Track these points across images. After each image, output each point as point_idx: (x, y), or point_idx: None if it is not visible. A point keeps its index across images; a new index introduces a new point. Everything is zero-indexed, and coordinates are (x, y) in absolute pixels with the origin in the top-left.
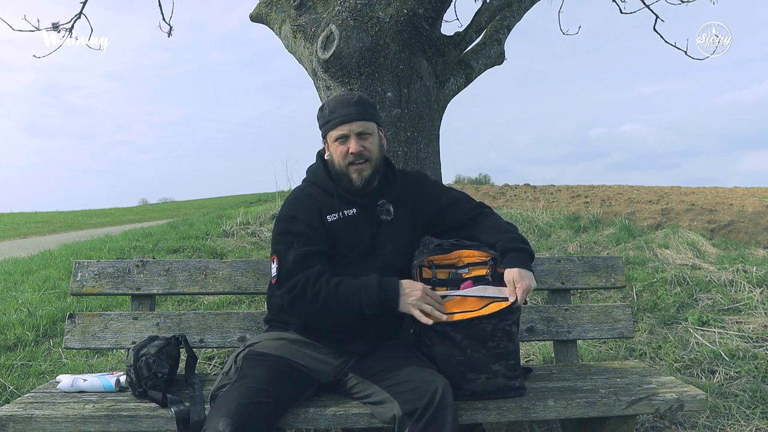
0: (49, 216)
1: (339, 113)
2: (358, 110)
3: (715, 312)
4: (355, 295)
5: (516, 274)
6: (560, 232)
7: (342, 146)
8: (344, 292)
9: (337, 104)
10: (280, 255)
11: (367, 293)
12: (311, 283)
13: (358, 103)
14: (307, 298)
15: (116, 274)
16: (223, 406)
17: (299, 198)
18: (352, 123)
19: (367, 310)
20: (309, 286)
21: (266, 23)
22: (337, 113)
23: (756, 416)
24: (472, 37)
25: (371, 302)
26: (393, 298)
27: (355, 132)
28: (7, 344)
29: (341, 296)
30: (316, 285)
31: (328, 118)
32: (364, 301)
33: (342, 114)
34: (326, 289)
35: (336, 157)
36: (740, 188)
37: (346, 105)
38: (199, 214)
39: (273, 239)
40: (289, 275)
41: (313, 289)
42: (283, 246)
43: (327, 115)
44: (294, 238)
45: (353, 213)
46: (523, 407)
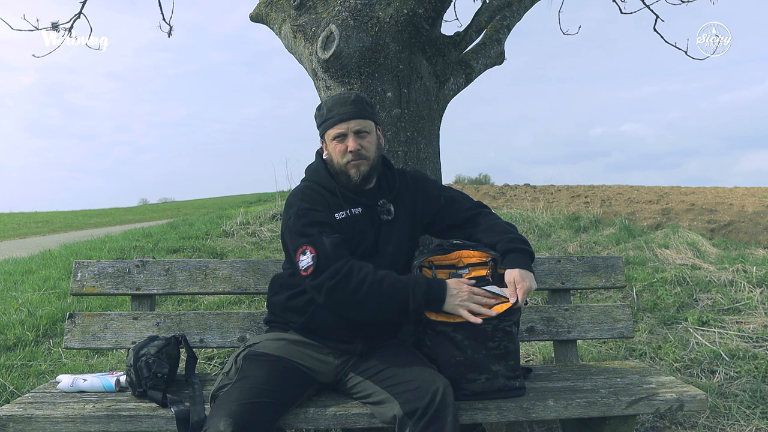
0: (49, 216)
1: (337, 112)
2: (356, 108)
3: (715, 312)
4: (403, 288)
5: (517, 275)
6: (560, 232)
7: (340, 144)
8: (390, 285)
9: (335, 103)
10: (315, 243)
11: (415, 289)
12: (356, 270)
13: (356, 101)
14: (351, 284)
15: (116, 274)
16: (224, 406)
17: (307, 193)
18: (350, 121)
19: (413, 305)
20: (354, 273)
21: (266, 23)
22: (334, 112)
23: (756, 416)
24: (472, 37)
25: (418, 299)
26: (440, 298)
27: (353, 130)
28: (7, 344)
29: (387, 288)
30: (362, 272)
31: (326, 116)
32: (411, 295)
33: (340, 112)
34: (372, 278)
35: (334, 155)
36: (740, 188)
37: (343, 103)
38: (199, 214)
39: (296, 232)
40: (329, 262)
41: (359, 275)
42: (315, 236)
43: (325, 113)
44: (321, 227)
45: (359, 212)
46: (523, 407)
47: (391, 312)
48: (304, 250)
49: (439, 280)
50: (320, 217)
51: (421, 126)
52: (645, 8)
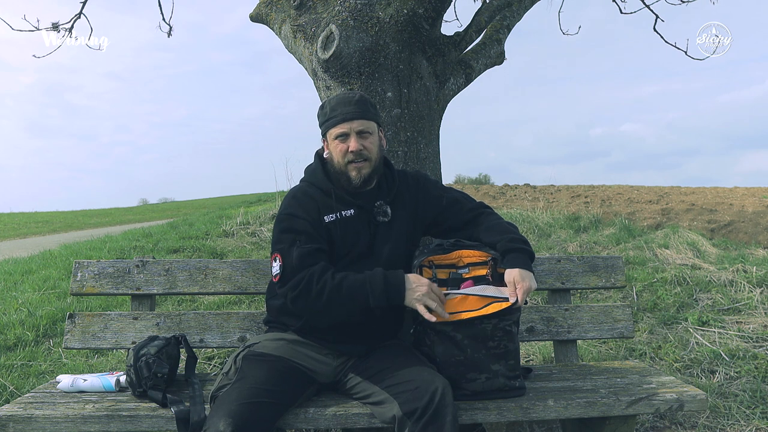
0: (49, 216)
1: (340, 111)
2: (359, 109)
3: (715, 312)
4: (360, 288)
5: (517, 275)
6: (560, 232)
7: (342, 144)
8: (349, 286)
9: (339, 102)
10: (283, 253)
11: (372, 286)
12: (316, 279)
13: (360, 102)
14: (312, 294)
15: (116, 274)
16: (223, 406)
17: (297, 197)
18: (353, 121)
19: (373, 303)
20: (314, 282)
21: (266, 23)
22: (338, 111)
23: (756, 416)
24: (472, 37)
25: (377, 295)
26: (399, 292)
27: (356, 130)
28: (7, 344)
29: (346, 290)
30: (321, 280)
31: (329, 115)
32: (370, 293)
33: (343, 112)
34: (331, 284)
35: (335, 155)
36: (740, 188)
37: (347, 103)
38: (199, 214)
39: (274, 238)
40: (293, 272)
41: (318, 284)
42: (286, 244)
43: (328, 112)
44: (296, 235)
45: (351, 214)
46: (523, 407)
47: (357, 312)
48: (275, 257)
49: (398, 273)
50: (298, 225)
51: (421, 126)
52: (645, 8)
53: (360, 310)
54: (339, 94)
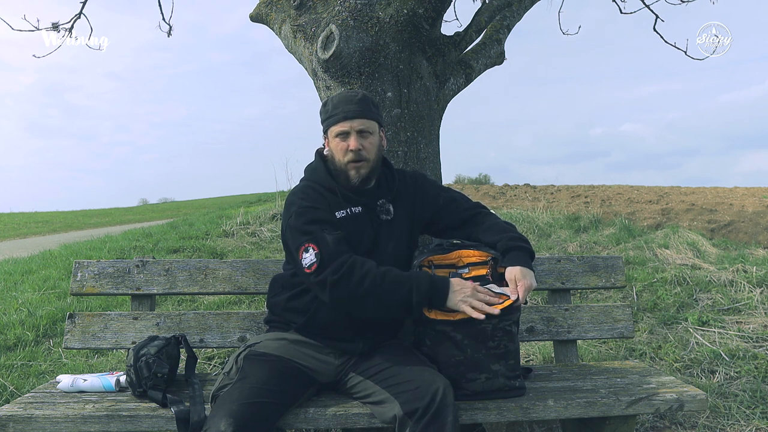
0: (49, 216)
1: (342, 109)
2: (361, 108)
3: (715, 312)
4: (405, 282)
5: (518, 273)
6: (560, 232)
7: (342, 142)
8: (393, 279)
9: (341, 100)
10: (317, 240)
11: (418, 284)
12: (359, 265)
13: (362, 101)
14: (354, 278)
15: (116, 274)
16: (224, 406)
17: (308, 192)
18: (354, 120)
19: (416, 299)
20: (357, 267)
21: (266, 23)
22: (340, 109)
23: (756, 416)
24: (472, 37)
25: (421, 293)
26: (443, 294)
27: (356, 129)
28: (7, 344)
29: (389, 283)
30: (365, 267)
31: (331, 113)
32: (415, 291)
33: (345, 110)
34: (375, 272)
35: (336, 153)
36: (740, 188)
37: (349, 102)
38: (199, 214)
39: (298, 230)
40: (332, 257)
41: (361, 270)
42: (317, 233)
43: (330, 110)
44: (323, 225)
45: (359, 211)
46: (523, 407)
47: (394, 307)
48: (307, 247)
49: (443, 277)
50: (321, 215)
51: (421, 126)
52: (645, 8)
53: (399, 305)
54: (342, 93)
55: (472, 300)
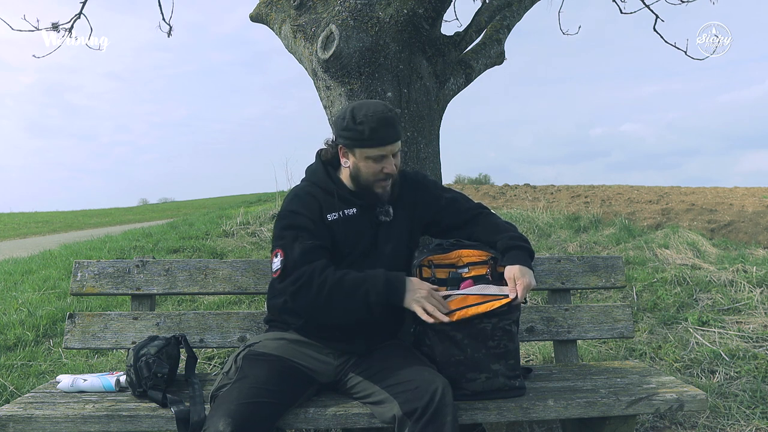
0: (49, 216)
1: (382, 135)
2: (397, 131)
3: (715, 312)
4: (361, 285)
5: (517, 271)
6: (560, 232)
7: (375, 165)
8: (350, 283)
9: (380, 124)
10: (285, 248)
11: (373, 284)
12: (317, 274)
13: (396, 122)
14: (313, 289)
15: (116, 274)
16: (223, 406)
17: (300, 195)
18: (393, 144)
19: (373, 301)
20: (315, 277)
21: (266, 23)
22: (379, 134)
23: (756, 416)
24: (472, 37)
25: (377, 293)
26: (399, 292)
27: (393, 153)
28: (7, 344)
29: (347, 287)
30: (322, 275)
31: (368, 135)
32: (371, 291)
33: (385, 136)
34: (332, 279)
35: (365, 173)
36: (740, 188)
37: (387, 125)
38: (199, 214)
39: (276, 234)
40: (294, 267)
41: (319, 279)
42: (288, 239)
43: (367, 133)
44: (298, 232)
45: (353, 213)
46: (523, 407)
47: (356, 310)
48: (276, 252)
49: (399, 274)
50: (300, 222)
51: (421, 126)
52: (645, 8)
53: (360, 307)
54: (375, 111)
55: (425, 302)
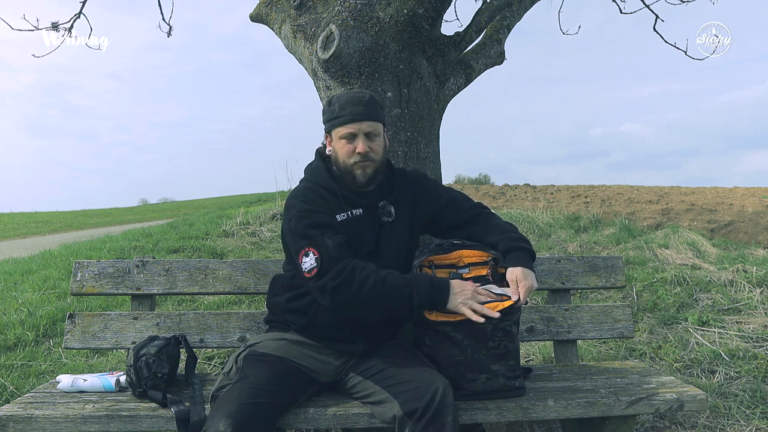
0: (49, 216)
1: (349, 111)
2: (369, 110)
3: (715, 312)
4: (406, 286)
5: (519, 273)
6: (560, 232)
7: (349, 144)
8: (393, 283)
9: (348, 101)
10: (318, 245)
11: (419, 287)
12: (359, 269)
13: (369, 102)
14: (354, 283)
15: (116, 274)
16: (223, 406)
17: (309, 195)
18: (362, 122)
19: (417, 303)
20: (357, 272)
21: (266, 23)
22: (347, 111)
23: (756, 416)
24: (472, 37)
25: (422, 296)
26: (443, 296)
27: (364, 132)
28: (7, 344)
29: (390, 287)
30: (365, 271)
31: (338, 114)
32: (416, 294)
33: (352, 112)
34: (376, 276)
35: (341, 154)
36: (740, 188)
37: (357, 103)
38: (199, 214)
39: (299, 233)
40: (332, 263)
41: (361, 275)
42: (317, 237)
43: (336, 111)
44: (323, 229)
45: (360, 213)
46: (523, 407)
47: (395, 310)
48: (307, 251)
49: (443, 279)
50: (322, 219)
51: (421, 126)
52: (645, 8)
53: (400, 308)
54: (348, 92)
55: (473, 302)
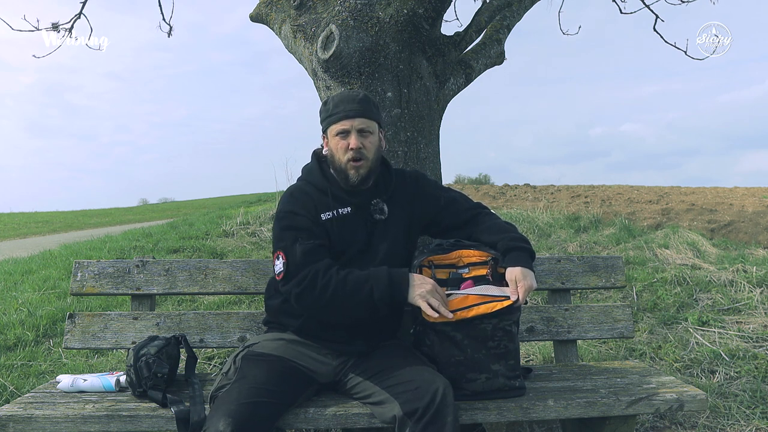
0: (49, 216)
1: (343, 108)
2: (362, 107)
3: (715, 312)
4: (365, 283)
5: (518, 273)
6: (560, 232)
7: (342, 141)
8: (354, 282)
9: (342, 99)
10: (286, 250)
11: (377, 282)
12: (321, 274)
13: (363, 100)
14: (317, 289)
15: (116, 274)
16: (223, 406)
17: (295, 194)
18: (355, 119)
19: (377, 297)
20: (319, 277)
21: (266, 23)
22: (340, 108)
23: (756, 416)
24: (472, 37)
25: (381, 290)
26: (403, 288)
27: (357, 128)
28: (7, 344)
29: (351, 286)
30: (326, 276)
31: (332, 111)
32: (375, 288)
33: (346, 109)
34: (336, 279)
35: (335, 151)
36: (740, 188)
37: (350, 101)
38: (199, 214)
39: (275, 235)
40: (297, 269)
41: (323, 280)
42: (288, 241)
43: (330, 109)
44: (298, 232)
45: (347, 212)
46: (523, 407)
47: (361, 308)
48: (278, 255)
49: (402, 271)
50: (298, 222)
51: (421, 126)
52: (645, 8)
53: (364, 305)
54: (342, 92)
55: (430, 297)
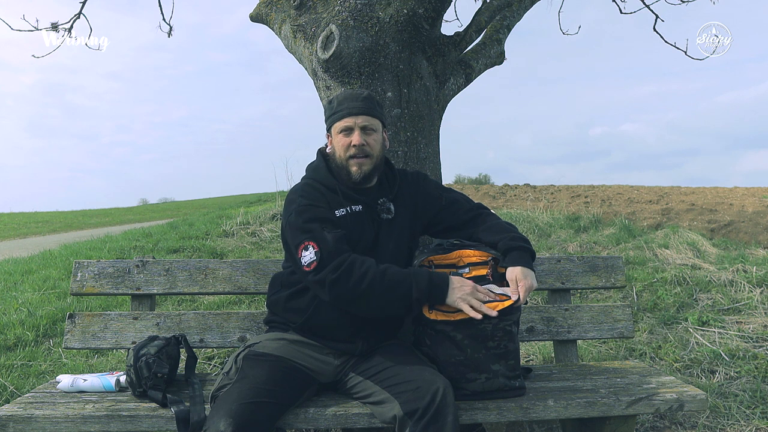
0: (49, 216)
1: (347, 106)
2: (366, 105)
3: (715, 312)
4: (404, 279)
5: (519, 273)
6: (560, 232)
7: (345, 138)
8: (393, 275)
9: (346, 97)
10: (317, 239)
11: (417, 281)
12: (359, 263)
13: (367, 99)
14: (353, 277)
15: (116, 274)
16: (223, 406)
17: (307, 191)
18: (358, 116)
19: (416, 297)
20: (356, 265)
21: (266, 23)
22: (344, 106)
23: (756, 416)
24: (472, 37)
25: (420, 289)
26: (442, 291)
27: (360, 125)
28: (7, 344)
29: (389, 280)
30: (364, 266)
31: (336, 109)
32: (414, 288)
33: (349, 107)
34: (375, 270)
35: (338, 148)
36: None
37: (354, 99)
38: (199, 214)
39: (298, 228)
40: (332, 256)
41: (361, 269)
42: (317, 231)
43: (335, 107)
44: (322, 223)
45: (359, 209)
46: (523, 407)
47: (394, 304)
48: (307, 245)
49: (442, 274)
50: (321, 213)
51: (421, 126)
52: (645, 8)
53: (399, 302)
54: (347, 90)
55: (471, 299)
